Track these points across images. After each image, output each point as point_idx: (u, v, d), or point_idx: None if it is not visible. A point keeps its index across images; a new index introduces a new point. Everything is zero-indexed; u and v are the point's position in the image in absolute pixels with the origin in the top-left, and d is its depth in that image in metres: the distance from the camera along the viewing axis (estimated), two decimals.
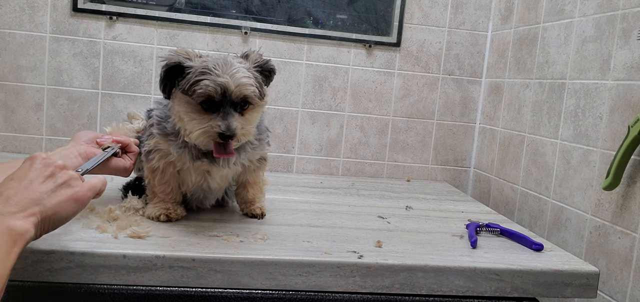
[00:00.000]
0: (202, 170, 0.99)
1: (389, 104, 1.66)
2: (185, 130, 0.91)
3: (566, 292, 0.94)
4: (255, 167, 1.04)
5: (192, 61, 0.90)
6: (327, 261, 0.87)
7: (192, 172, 0.99)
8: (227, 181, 1.05)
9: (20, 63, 1.48)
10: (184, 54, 0.91)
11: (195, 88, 0.87)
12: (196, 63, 0.89)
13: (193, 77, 0.88)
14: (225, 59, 0.90)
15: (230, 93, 0.87)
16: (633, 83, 1.06)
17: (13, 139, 1.50)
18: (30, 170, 0.73)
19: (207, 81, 0.86)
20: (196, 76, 0.87)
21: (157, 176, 0.99)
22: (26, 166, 0.74)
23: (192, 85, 0.87)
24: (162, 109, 0.98)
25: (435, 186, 1.62)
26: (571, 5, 1.27)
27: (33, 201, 0.70)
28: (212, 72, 0.87)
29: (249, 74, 0.90)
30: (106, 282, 0.82)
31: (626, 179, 1.05)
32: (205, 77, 0.87)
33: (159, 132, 0.96)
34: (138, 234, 0.88)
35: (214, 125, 0.87)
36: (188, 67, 0.89)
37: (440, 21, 1.64)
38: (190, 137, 0.90)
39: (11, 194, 0.69)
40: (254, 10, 1.55)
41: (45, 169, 0.74)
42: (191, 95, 0.88)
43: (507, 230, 1.10)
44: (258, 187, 1.08)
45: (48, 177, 0.73)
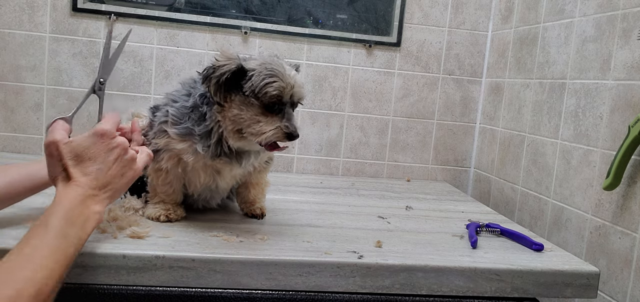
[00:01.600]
0: (212, 170, 0.98)
1: (389, 104, 1.66)
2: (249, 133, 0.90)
3: (566, 292, 0.94)
4: (261, 168, 1.05)
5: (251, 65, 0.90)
6: (327, 261, 0.87)
7: (201, 173, 0.98)
8: (235, 181, 1.05)
9: (20, 63, 1.47)
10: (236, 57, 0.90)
11: (266, 90, 0.88)
12: (252, 65, 0.90)
13: (260, 79, 0.88)
14: (281, 63, 0.92)
15: (294, 95, 0.92)
16: (633, 83, 1.06)
17: (13, 139, 1.50)
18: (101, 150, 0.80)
19: (279, 85, 0.89)
20: (264, 79, 0.88)
21: (162, 176, 0.98)
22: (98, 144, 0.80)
23: (262, 88, 0.88)
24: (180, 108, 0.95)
25: (435, 186, 1.62)
26: (571, 5, 1.27)
27: (108, 184, 0.80)
28: (280, 75, 0.90)
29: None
30: (106, 282, 0.81)
31: (626, 179, 1.05)
32: (274, 79, 0.89)
33: (177, 132, 0.94)
34: (138, 234, 0.88)
35: (283, 126, 0.90)
36: (250, 70, 0.89)
37: (441, 21, 1.64)
38: (259, 138, 0.90)
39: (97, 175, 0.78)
40: (253, 10, 1.54)
41: (112, 151, 0.81)
42: (260, 97, 0.88)
43: (508, 230, 1.10)
44: (260, 188, 1.08)
45: (116, 160, 0.81)
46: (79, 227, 0.73)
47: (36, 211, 0.94)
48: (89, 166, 0.78)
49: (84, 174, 0.77)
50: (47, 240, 0.68)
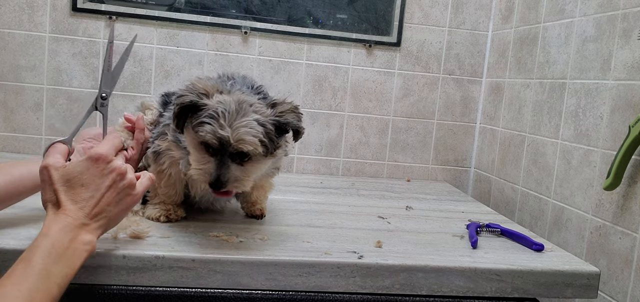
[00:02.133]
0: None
1: (389, 104, 1.66)
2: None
3: (567, 292, 0.94)
4: (268, 173, 1.03)
5: (208, 99, 0.86)
6: (327, 261, 0.87)
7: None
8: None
9: (20, 63, 1.47)
10: (202, 91, 0.87)
11: (198, 130, 0.85)
12: (212, 103, 0.85)
13: (202, 118, 0.85)
14: (242, 106, 0.84)
15: (229, 145, 0.84)
16: (633, 83, 1.06)
17: (12, 139, 1.50)
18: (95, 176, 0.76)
19: (209, 128, 0.83)
20: (203, 118, 0.84)
21: (164, 179, 0.98)
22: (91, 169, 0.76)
23: (196, 125, 0.85)
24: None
25: (435, 186, 1.61)
26: (571, 5, 1.27)
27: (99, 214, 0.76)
28: (218, 121, 0.84)
29: (257, 130, 0.84)
30: (106, 282, 0.81)
31: (627, 179, 1.05)
32: (210, 123, 0.84)
33: (173, 140, 0.94)
34: (138, 234, 0.88)
35: (207, 172, 0.86)
36: (202, 106, 0.85)
37: (441, 21, 1.64)
38: (191, 173, 0.88)
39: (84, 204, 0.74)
40: (254, 10, 1.54)
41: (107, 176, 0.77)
42: (196, 133, 0.86)
43: (508, 230, 1.10)
44: (263, 190, 1.08)
45: (111, 186, 0.77)
46: (65, 263, 0.69)
47: (37, 211, 0.94)
48: (80, 193, 0.74)
49: (74, 202, 0.74)
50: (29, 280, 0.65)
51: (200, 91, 0.86)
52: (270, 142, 0.86)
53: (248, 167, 0.87)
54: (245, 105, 0.84)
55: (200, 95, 0.86)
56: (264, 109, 0.87)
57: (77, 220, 0.73)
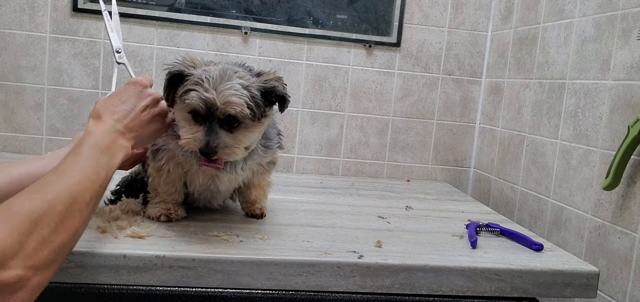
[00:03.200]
0: (209, 173, 0.98)
1: (389, 104, 1.66)
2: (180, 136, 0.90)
3: (566, 292, 0.94)
4: (263, 170, 1.04)
5: (195, 70, 0.88)
6: (327, 261, 0.87)
7: (200, 174, 0.99)
8: (236, 183, 1.04)
9: (21, 63, 1.48)
10: (189, 62, 0.89)
11: (185, 98, 0.86)
12: (197, 72, 0.87)
13: (187, 86, 0.86)
14: (226, 72, 0.86)
15: (216, 109, 0.84)
16: (633, 83, 1.06)
17: (13, 139, 1.50)
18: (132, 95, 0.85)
19: (194, 94, 0.84)
20: (189, 86, 0.86)
21: (163, 176, 0.98)
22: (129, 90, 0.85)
23: (183, 95, 0.86)
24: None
25: (435, 186, 1.62)
26: (571, 5, 1.27)
27: (133, 129, 0.84)
28: (203, 86, 0.85)
29: (242, 93, 0.85)
30: (106, 282, 0.82)
31: (626, 179, 1.05)
32: (195, 89, 0.85)
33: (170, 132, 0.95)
34: (138, 234, 0.88)
35: (197, 139, 0.86)
36: (188, 76, 0.87)
37: (440, 21, 1.64)
38: (181, 143, 0.89)
39: (121, 116, 0.82)
40: (254, 10, 1.55)
41: (144, 98, 0.86)
42: (183, 103, 0.87)
43: (507, 230, 1.10)
44: (262, 189, 1.08)
45: (146, 108, 0.86)
46: (109, 156, 0.77)
47: None
48: (119, 107, 0.83)
49: (112, 113, 0.82)
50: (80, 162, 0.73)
51: (188, 62, 0.89)
52: (257, 107, 0.87)
53: (237, 134, 0.87)
54: (230, 72, 0.87)
55: (187, 66, 0.88)
56: (248, 76, 0.89)
57: (115, 127, 0.81)
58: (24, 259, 0.59)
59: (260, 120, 0.89)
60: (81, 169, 0.72)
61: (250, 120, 0.87)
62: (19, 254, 0.59)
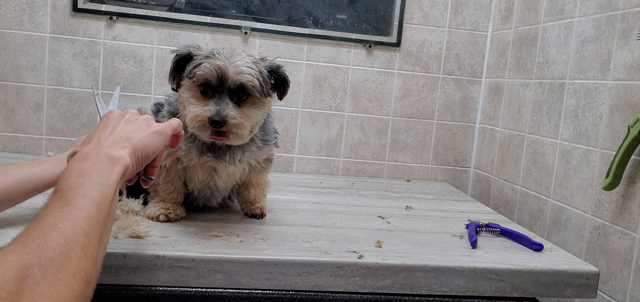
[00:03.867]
0: (209, 167, 0.99)
1: (389, 104, 1.66)
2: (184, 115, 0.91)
3: (566, 292, 0.94)
4: (260, 168, 1.04)
5: (201, 52, 0.92)
6: (327, 261, 0.87)
7: (198, 170, 0.99)
8: (234, 180, 1.05)
9: (20, 63, 1.48)
10: (196, 47, 0.93)
11: (195, 70, 0.89)
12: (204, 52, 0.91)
13: (197, 61, 0.90)
14: (234, 49, 0.91)
15: (227, 78, 0.87)
16: (633, 83, 1.06)
17: (13, 139, 1.50)
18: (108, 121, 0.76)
19: (207, 64, 0.87)
20: (200, 60, 0.89)
21: (162, 174, 0.99)
22: (103, 121, 0.77)
23: (193, 68, 0.89)
24: (172, 103, 0.99)
25: (435, 186, 1.62)
26: (571, 5, 1.27)
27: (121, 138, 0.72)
28: (214, 57, 0.88)
29: (252, 65, 0.89)
30: (106, 282, 0.82)
31: (626, 179, 1.05)
32: (206, 60, 0.88)
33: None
34: (138, 234, 0.88)
35: (206, 110, 0.87)
36: (196, 56, 0.91)
37: (440, 21, 1.64)
38: (188, 120, 0.90)
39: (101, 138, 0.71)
40: (254, 10, 1.55)
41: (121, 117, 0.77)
42: (192, 78, 0.89)
43: (507, 230, 1.10)
44: (260, 188, 1.08)
45: (127, 122, 0.76)
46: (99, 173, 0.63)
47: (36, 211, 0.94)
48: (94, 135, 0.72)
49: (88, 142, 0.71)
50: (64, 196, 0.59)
51: (194, 46, 0.93)
52: (264, 82, 0.91)
53: (245, 108, 0.90)
54: (238, 50, 0.91)
55: (194, 49, 0.92)
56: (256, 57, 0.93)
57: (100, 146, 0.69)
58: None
59: (266, 99, 0.93)
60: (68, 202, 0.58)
61: (258, 96, 0.90)
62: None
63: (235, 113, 0.88)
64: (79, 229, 0.55)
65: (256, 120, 0.93)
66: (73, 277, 0.51)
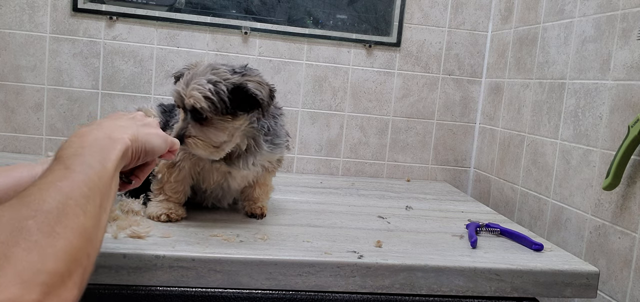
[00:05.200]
0: (223, 171, 1.01)
1: (389, 104, 1.66)
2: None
3: (566, 292, 0.94)
4: (272, 168, 1.07)
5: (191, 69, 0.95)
6: (327, 261, 0.87)
7: (214, 172, 1.02)
8: (247, 182, 1.07)
9: (20, 63, 1.48)
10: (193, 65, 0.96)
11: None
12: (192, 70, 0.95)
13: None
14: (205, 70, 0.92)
15: (183, 102, 0.91)
16: (633, 83, 1.06)
17: (13, 139, 1.50)
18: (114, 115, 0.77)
19: (173, 89, 0.94)
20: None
21: (175, 173, 1.00)
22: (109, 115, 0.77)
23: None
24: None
25: (435, 186, 1.62)
26: (571, 5, 1.27)
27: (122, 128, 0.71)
28: (180, 81, 0.93)
29: (204, 87, 0.88)
30: (106, 282, 0.82)
31: (626, 179, 1.05)
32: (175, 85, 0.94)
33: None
34: (138, 234, 0.88)
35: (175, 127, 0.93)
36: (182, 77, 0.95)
37: (440, 21, 1.64)
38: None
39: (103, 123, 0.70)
40: (254, 10, 1.55)
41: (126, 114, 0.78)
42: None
43: (507, 230, 1.10)
44: (265, 188, 1.09)
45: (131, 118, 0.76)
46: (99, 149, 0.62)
47: None
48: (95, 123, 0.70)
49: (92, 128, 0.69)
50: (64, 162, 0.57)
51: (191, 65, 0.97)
52: (220, 101, 0.89)
53: (205, 128, 0.92)
54: (208, 70, 0.91)
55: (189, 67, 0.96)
56: (228, 74, 0.92)
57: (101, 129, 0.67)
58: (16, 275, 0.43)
59: (228, 119, 0.92)
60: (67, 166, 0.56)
61: (215, 116, 0.90)
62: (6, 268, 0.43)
63: (193, 131, 0.91)
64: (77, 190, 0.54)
65: (218, 139, 0.92)
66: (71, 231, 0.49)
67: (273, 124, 1.01)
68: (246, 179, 1.05)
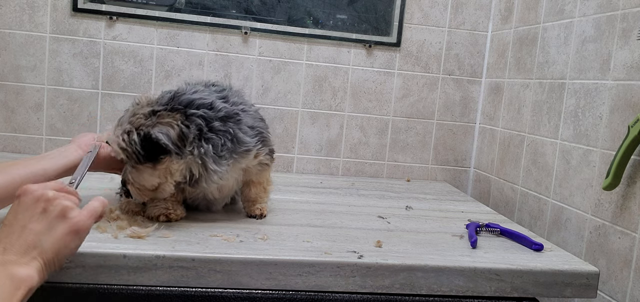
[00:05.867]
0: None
1: (389, 104, 1.66)
2: None
3: (566, 292, 0.94)
4: (256, 170, 1.03)
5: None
6: (327, 261, 0.87)
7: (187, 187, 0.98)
8: (228, 190, 1.04)
9: (20, 63, 1.48)
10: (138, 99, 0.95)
11: None
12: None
13: None
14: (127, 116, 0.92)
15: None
16: (633, 83, 1.06)
17: (13, 139, 1.50)
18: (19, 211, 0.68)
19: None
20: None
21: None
22: (15, 207, 0.69)
23: None
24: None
25: (435, 186, 1.62)
26: (571, 5, 1.27)
27: (31, 246, 0.65)
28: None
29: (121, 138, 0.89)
30: (106, 282, 0.82)
31: (626, 179, 1.05)
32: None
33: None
34: (138, 234, 0.88)
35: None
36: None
37: (440, 21, 1.64)
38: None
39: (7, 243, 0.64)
40: (254, 10, 1.55)
41: (35, 206, 0.68)
42: None
43: (507, 230, 1.10)
44: (262, 187, 1.07)
45: (41, 214, 0.67)
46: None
47: None
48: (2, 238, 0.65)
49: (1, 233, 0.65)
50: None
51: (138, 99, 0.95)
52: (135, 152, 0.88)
53: (138, 173, 0.92)
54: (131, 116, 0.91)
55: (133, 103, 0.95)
56: (142, 119, 0.90)
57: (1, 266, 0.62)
58: None
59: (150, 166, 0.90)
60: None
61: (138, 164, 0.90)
62: None
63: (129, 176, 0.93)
64: None
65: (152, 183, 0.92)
66: None
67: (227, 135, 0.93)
68: (226, 188, 1.02)
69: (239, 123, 0.96)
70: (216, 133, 0.92)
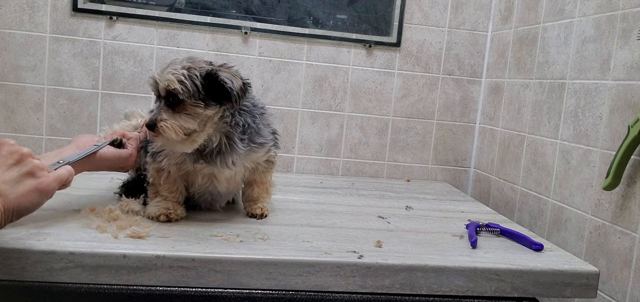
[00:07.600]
0: (207, 173, 1.00)
1: (389, 104, 1.66)
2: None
3: (566, 292, 0.94)
4: (263, 168, 1.06)
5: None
6: (327, 261, 0.87)
7: (198, 175, 1.00)
8: (235, 184, 1.06)
9: (20, 63, 1.48)
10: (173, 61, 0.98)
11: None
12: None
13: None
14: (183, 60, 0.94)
15: (157, 87, 0.93)
16: (633, 83, 1.06)
17: (13, 139, 1.50)
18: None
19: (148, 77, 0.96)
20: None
21: (164, 175, 1.00)
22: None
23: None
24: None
25: (435, 186, 1.62)
26: (571, 5, 1.27)
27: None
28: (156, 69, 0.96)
29: (178, 72, 0.91)
30: (106, 282, 0.82)
31: (626, 179, 1.05)
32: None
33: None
34: (138, 234, 0.88)
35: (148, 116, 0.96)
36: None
37: (440, 21, 1.64)
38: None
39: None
40: (254, 10, 1.55)
41: (10, 156, 0.73)
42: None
43: (507, 230, 1.10)
44: (264, 187, 1.09)
45: (13, 165, 0.73)
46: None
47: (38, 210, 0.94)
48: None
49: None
50: None
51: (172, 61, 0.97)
52: (193, 85, 0.91)
53: (177, 114, 0.92)
54: (186, 60, 0.94)
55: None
56: (203, 64, 0.94)
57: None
58: None
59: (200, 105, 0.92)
60: None
61: (187, 99, 0.91)
62: None
63: (165, 116, 0.92)
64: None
65: (189, 126, 0.92)
66: None
67: (251, 121, 0.99)
68: (233, 181, 1.04)
69: (263, 117, 1.03)
70: (248, 115, 0.99)
